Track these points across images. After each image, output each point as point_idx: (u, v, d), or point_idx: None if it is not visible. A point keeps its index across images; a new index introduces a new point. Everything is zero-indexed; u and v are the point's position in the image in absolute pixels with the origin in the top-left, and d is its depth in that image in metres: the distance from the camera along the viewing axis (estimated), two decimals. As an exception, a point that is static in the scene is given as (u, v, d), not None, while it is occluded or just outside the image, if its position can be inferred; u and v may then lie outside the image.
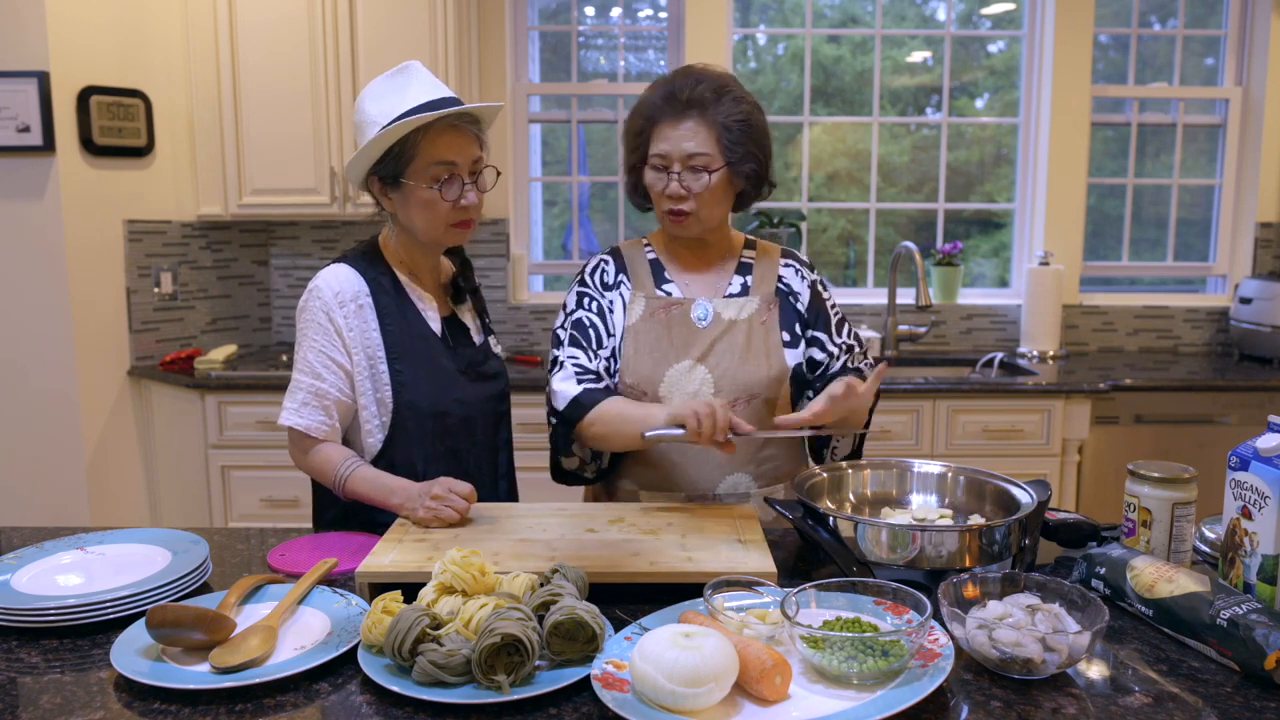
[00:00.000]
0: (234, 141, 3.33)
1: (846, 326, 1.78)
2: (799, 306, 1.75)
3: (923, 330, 3.70)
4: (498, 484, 1.77)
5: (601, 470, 1.75)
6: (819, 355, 1.74)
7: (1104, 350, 3.83)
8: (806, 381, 1.74)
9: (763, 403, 1.69)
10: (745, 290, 1.74)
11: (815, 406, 1.47)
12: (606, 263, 1.78)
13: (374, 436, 1.65)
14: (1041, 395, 3.14)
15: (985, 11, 3.89)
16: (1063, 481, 3.19)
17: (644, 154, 1.67)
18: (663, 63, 3.89)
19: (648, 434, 1.48)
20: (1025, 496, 1.41)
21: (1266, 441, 1.20)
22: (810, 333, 1.75)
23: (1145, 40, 3.86)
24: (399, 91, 1.57)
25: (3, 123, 3.00)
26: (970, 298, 3.90)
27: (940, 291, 3.82)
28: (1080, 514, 1.51)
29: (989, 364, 3.56)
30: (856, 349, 1.77)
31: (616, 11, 3.91)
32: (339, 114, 3.30)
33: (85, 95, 3.09)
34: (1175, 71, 3.85)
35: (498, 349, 1.83)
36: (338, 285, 1.62)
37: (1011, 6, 3.85)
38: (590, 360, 1.70)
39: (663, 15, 3.86)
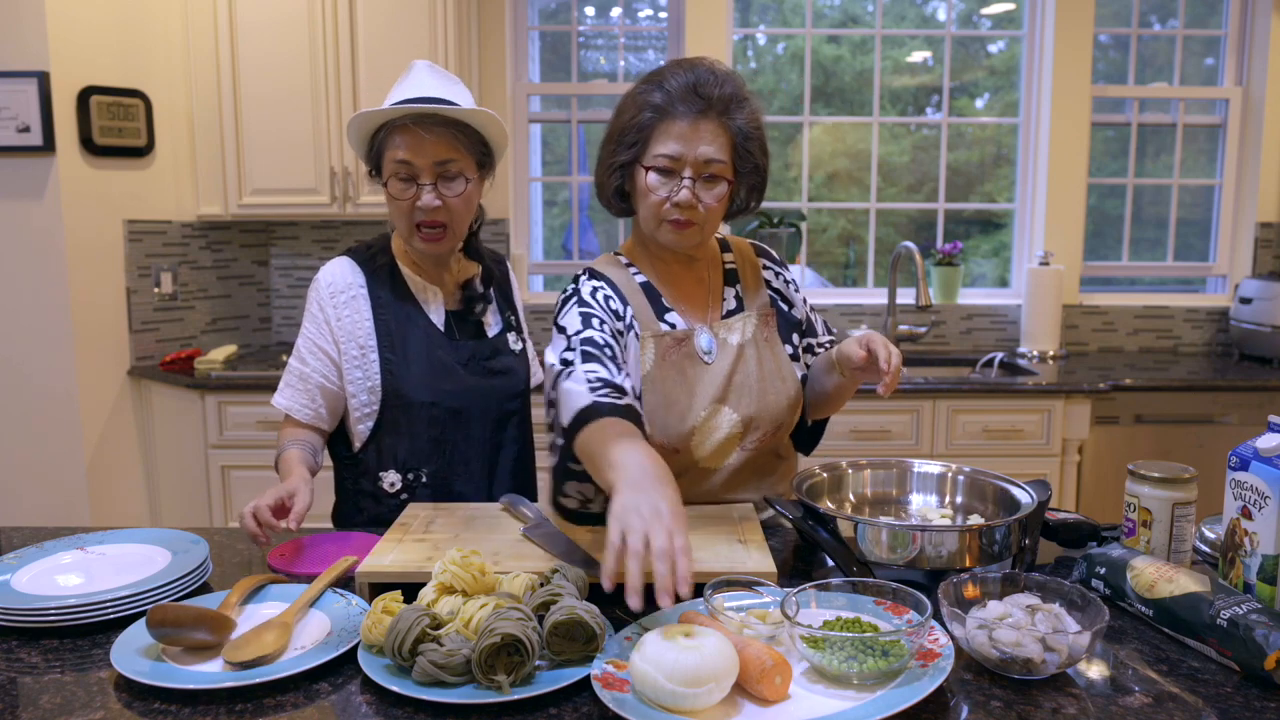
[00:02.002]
0: (234, 141, 3.33)
1: (816, 316, 1.74)
2: (794, 314, 1.68)
3: (923, 330, 3.70)
4: (493, 485, 1.74)
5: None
6: (812, 360, 1.71)
7: (1104, 350, 3.83)
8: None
9: (785, 431, 1.64)
10: (740, 304, 1.62)
11: None
12: (601, 288, 1.54)
13: (363, 424, 1.68)
14: (1041, 395, 3.14)
15: (985, 11, 3.89)
16: (1063, 481, 3.19)
17: (640, 152, 1.47)
18: (662, 63, 3.89)
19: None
20: (1025, 496, 1.41)
21: (1266, 441, 1.20)
22: (806, 340, 1.70)
23: (1145, 40, 3.87)
24: (398, 87, 1.63)
25: (3, 123, 3.00)
26: (970, 298, 3.90)
27: (940, 291, 3.82)
28: (1080, 514, 1.51)
29: (989, 364, 3.56)
30: (824, 334, 1.74)
31: (616, 11, 3.91)
32: (339, 114, 3.30)
33: (85, 95, 3.09)
34: (1175, 71, 3.85)
35: (517, 346, 1.79)
36: (331, 277, 1.67)
37: (1011, 6, 3.85)
38: (613, 374, 1.38)
39: (663, 15, 3.86)
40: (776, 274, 1.70)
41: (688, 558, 1.03)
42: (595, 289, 1.53)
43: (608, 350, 1.42)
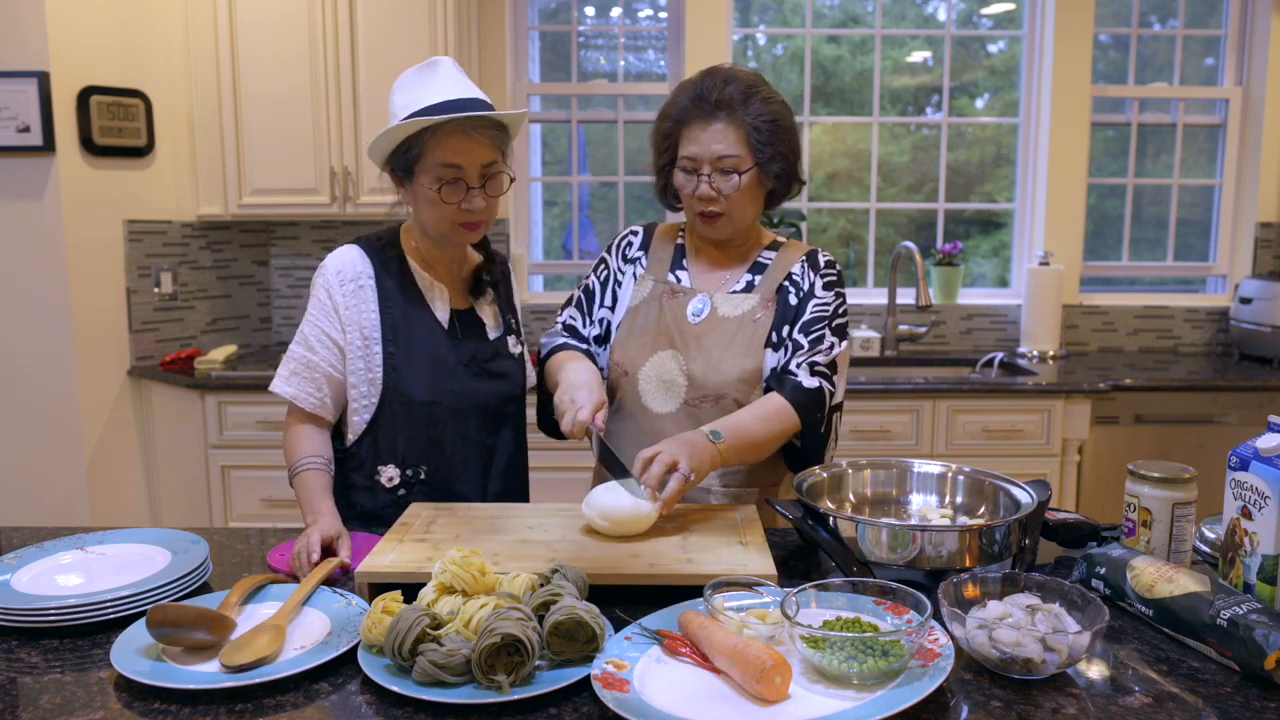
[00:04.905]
0: (234, 141, 3.33)
1: (819, 328, 1.65)
2: (797, 309, 1.67)
3: (923, 330, 3.70)
4: (487, 485, 1.73)
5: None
6: (784, 355, 1.66)
7: (1104, 350, 3.83)
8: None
9: (732, 403, 1.64)
10: (750, 288, 1.72)
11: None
12: (635, 234, 1.84)
13: (360, 415, 1.67)
14: (1041, 395, 3.14)
15: (985, 11, 3.89)
16: (1063, 481, 3.19)
17: (673, 155, 1.68)
18: (662, 63, 3.89)
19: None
20: (1025, 496, 1.41)
21: (1266, 441, 1.20)
22: (795, 336, 1.66)
23: (1145, 40, 3.86)
24: (424, 86, 1.58)
25: (3, 123, 3.00)
26: (970, 298, 3.90)
27: (940, 291, 3.82)
28: (1080, 514, 1.51)
29: (989, 364, 3.56)
30: (806, 348, 1.64)
31: (616, 11, 3.90)
32: (339, 114, 3.30)
33: (85, 95, 3.09)
34: (1175, 71, 3.85)
35: (516, 349, 1.78)
36: (341, 264, 1.66)
37: (1011, 6, 3.85)
38: (584, 325, 1.80)
39: (663, 15, 3.86)
40: (805, 268, 1.70)
41: (580, 404, 1.48)
42: (624, 236, 1.85)
43: (592, 295, 1.82)
